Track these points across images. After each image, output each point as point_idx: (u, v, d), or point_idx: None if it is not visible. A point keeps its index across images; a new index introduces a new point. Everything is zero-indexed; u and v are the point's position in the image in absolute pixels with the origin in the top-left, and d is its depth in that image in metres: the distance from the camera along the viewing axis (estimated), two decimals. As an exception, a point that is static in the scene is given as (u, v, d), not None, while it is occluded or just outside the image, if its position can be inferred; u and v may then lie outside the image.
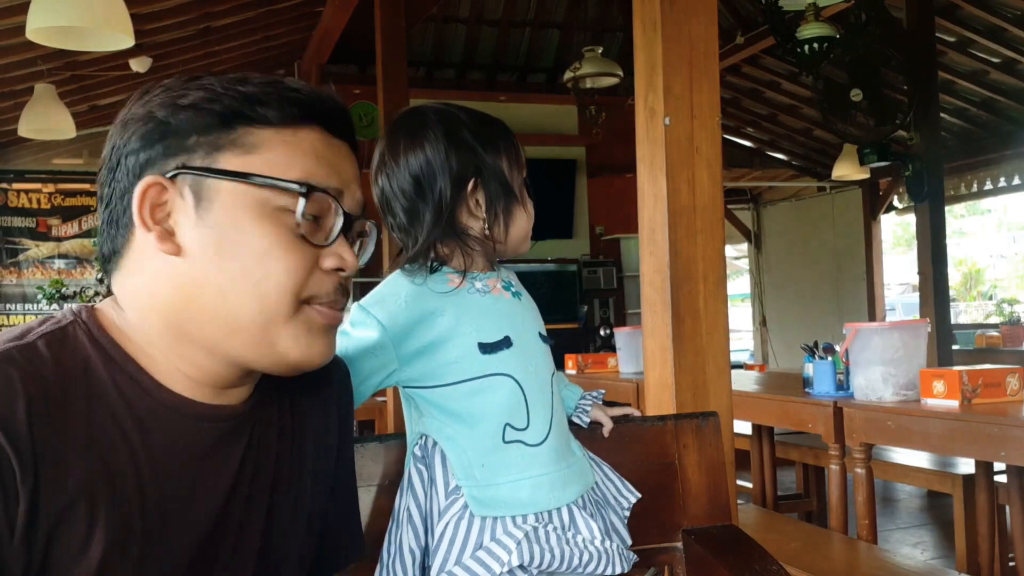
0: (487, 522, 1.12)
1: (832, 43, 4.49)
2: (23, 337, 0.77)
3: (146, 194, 0.79)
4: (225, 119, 0.81)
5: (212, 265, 0.80)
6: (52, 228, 6.90)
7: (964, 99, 7.19)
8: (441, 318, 1.15)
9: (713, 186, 2.06)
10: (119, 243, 0.83)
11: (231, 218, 0.80)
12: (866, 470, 2.75)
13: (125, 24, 2.86)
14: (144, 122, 0.81)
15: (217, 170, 0.80)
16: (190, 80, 0.84)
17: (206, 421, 0.84)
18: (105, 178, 0.83)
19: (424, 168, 1.17)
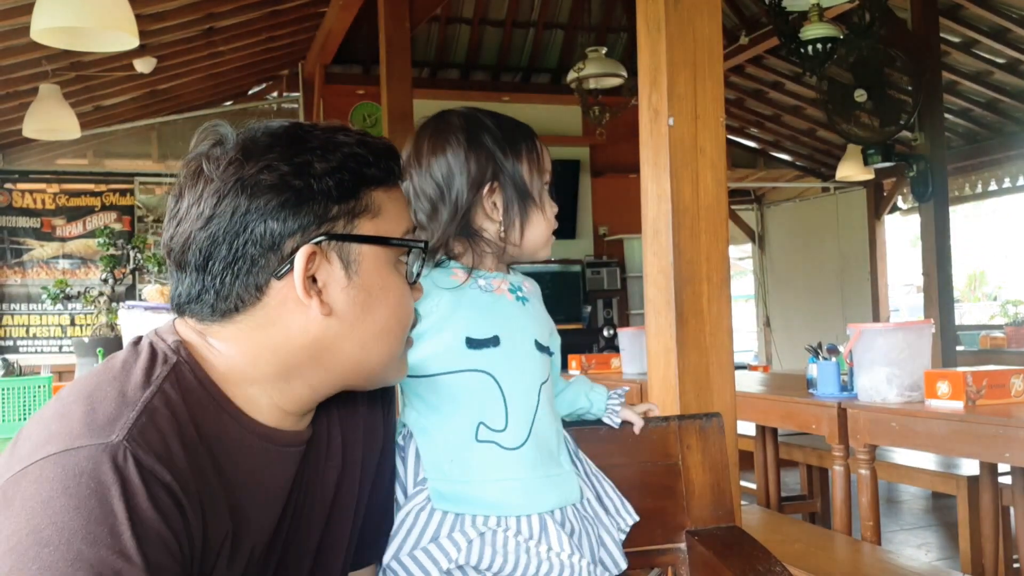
0: (447, 517, 1.12)
1: (836, 43, 4.48)
2: (149, 381, 0.81)
3: (307, 263, 0.85)
4: (355, 186, 0.88)
5: (357, 321, 0.89)
6: (56, 228, 6.91)
7: (968, 100, 7.18)
8: (435, 310, 1.16)
9: (717, 187, 2.06)
10: (243, 296, 0.86)
11: (374, 279, 0.89)
12: (870, 471, 2.74)
13: (129, 25, 2.87)
14: (279, 190, 0.84)
15: (363, 237, 0.88)
16: (293, 137, 0.88)
17: (291, 446, 0.92)
18: (220, 235, 0.84)
19: (444, 171, 1.20)
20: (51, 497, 0.71)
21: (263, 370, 0.88)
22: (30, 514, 0.70)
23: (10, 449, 0.80)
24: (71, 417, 0.76)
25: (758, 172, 9.41)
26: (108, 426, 0.75)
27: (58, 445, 0.74)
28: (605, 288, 7.91)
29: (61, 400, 0.80)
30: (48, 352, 6.80)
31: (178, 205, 0.88)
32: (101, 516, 0.70)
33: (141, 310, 2.61)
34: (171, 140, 7.21)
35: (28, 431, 0.79)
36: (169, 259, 0.89)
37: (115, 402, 0.78)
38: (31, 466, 0.73)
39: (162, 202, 7.11)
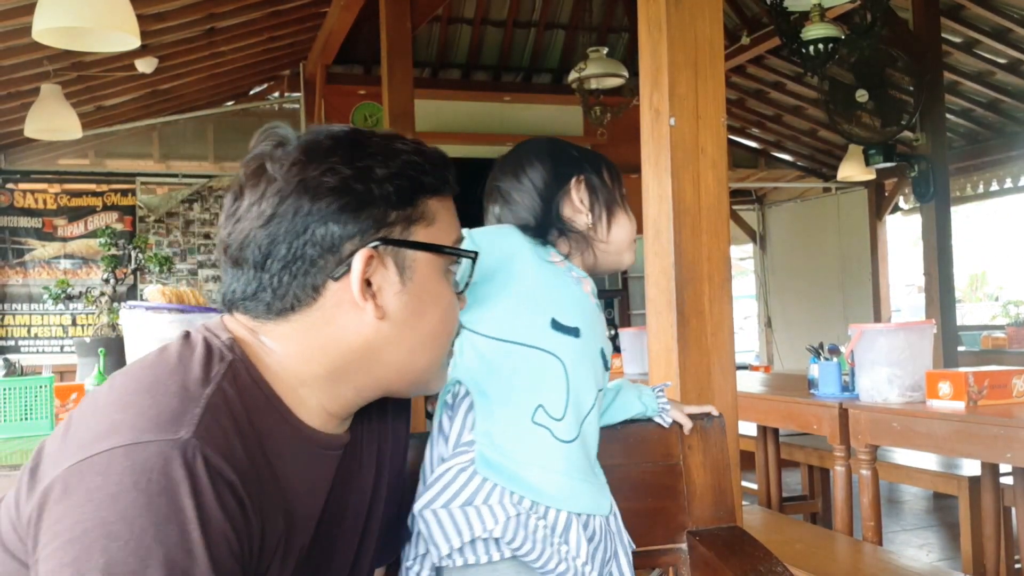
0: (486, 484, 1.12)
1: (838, 44, 4.48)
2: (208, 377, 0.81)
3: (365, 266, 0.86)
4: (413, 193, 0.90)
5: (407, 326, 0.90)
6: (58, 228, 6.91)
7: (970, 100, 7.17)
8: (532, 277, 1.21)
9: (718, 187, 2.06)
10: (299, 296, 0.87)
11: (427, 285, 0.91)
12: (871, 471, 2.74)
13: (131, 25, 2.87)
14: (341, 193, 0.85)
15: (418, 243, 0.90)
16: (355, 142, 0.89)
17: (332, 450, 0.94)
18: (280, 235, 0.85)
19: (533, 174, 1.29)
20: (120, 491, 0.71)
21: (314, 371, 0.89)
22: (97, 506, 0.70)
23: (61, 434, 0.79)
24: (135, 409, 0.76)
25: (759, 172, 9.40)
26: (176, 421, 0.75)
27: (125, 437, 0.73)
28: (606, 288, 7.91)
29: (118, 390, 0.80)
30: (49, 352, 6.80)
31: (237, 203, 0.89)
32: (171, 514, 0.71)
33: (143, 310, 2.61)
34: (172, 140, 7.21)
35: (84, 418, 0.79)
36: (224, 256, 0.90)
37: (178, 397, 0.78)
38: (96, 456, 0.73)
39: (163, 202, 7.12)
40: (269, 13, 5.49)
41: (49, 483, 0.74)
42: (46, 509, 0.73)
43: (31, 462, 0.80)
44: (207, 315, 2.64)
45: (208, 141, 7.30)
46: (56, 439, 0.80)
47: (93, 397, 0.82)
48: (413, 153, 0.91)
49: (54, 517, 0.72)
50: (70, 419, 0.82)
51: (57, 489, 0.73)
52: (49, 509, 0.73)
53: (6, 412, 1.91)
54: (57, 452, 0.77)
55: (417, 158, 0.91)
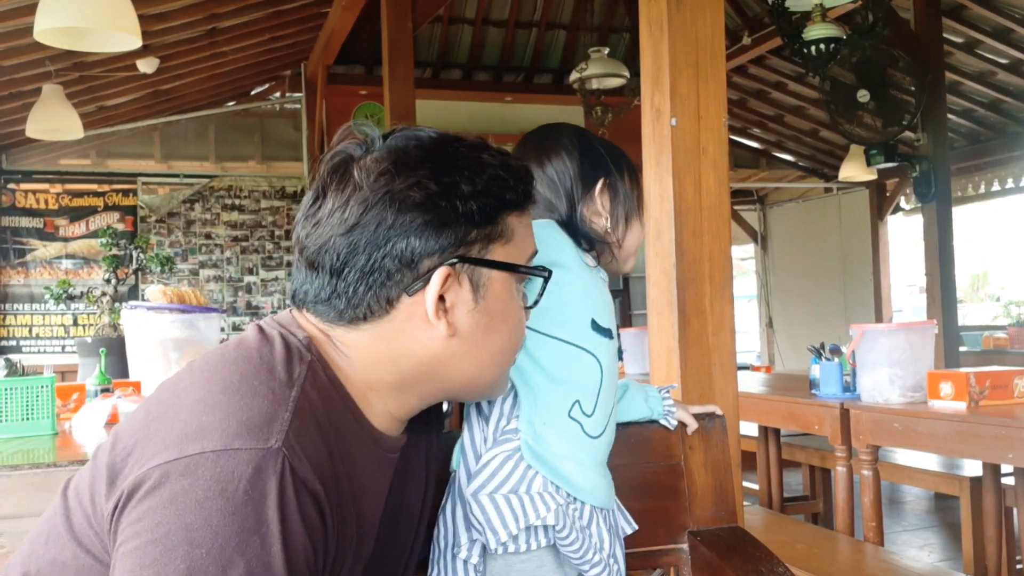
0: (530, 473, 1.15)
1: (839, 44, 4.48)
2: (292, 378, 0.81)
3: (442, 284, 0.86)
4: (496, 211, 0.89)
5: (476, 342, 0.90)
6: (60, 228, 6.92)
7: (971, 100, 7.17)
8: (577, 277, 1.23)
9: (719, 187, 2.06)
10: (372, 307, 0.86)
11: (499, 304, 0.91)
12: (873, 472, 2.74)
13: (132, 25, 2.87)
14: (426, 209, 0.84)
15: (495, 263, 0.89)
16: (444, 154, 0.88)
17: (393, 453, 0.94)
18: (360, 245, 0.85)
19: (559, 167, 1.29)
20: (207, 497, 0.70)
21: (383, 379, 0.89)
22: (182, 510, 0.70)
23: (141, 426, 0.79)
24: (222, 411, 0.75)
25: (761, 172, 9.40)
26: (265, 428, 0.75)
27: (216, 442, 0.73)
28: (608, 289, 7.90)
29: (203, 386, 0.79)
30: (51, 352, 6.81)
31: (319, 204, 0.88)
32: (255, 525, 0.71)
33: (144, 310, 2.61)
34: (174, 140, 7.22)
35: (169, 414, 0.78)
36: (299, 255, 0.89)
37: (268, 400, 0.77)
38: (186, 459, 0.72)
39: (165, 202, 7.12)
40: (270, 13, 5.49)
41: (135, 480, 0.73)
42: (128, 506, 0.73)
43: (108, 452, 0.79)
44: (208, 315, 2.64)
45: (209, 141, 7.30)
46: (135, 428, 0.79)
47: (174, 389, 0.82)
48: (499, 167, 0.90)
49: (136, 515, 0.72)
50: (148, 410, 0.81)
51: (143, 487, 0.72)
52: (133, 507, 0.72)
53: (7, 412, 1.91)
54: (140, 446, 0.76)
55: (503, 173, 0.90)
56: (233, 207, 7.27)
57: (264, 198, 7.34)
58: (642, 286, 2.04)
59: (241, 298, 7.26)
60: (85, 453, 1.57)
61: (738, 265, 10.57)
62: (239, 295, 7.26)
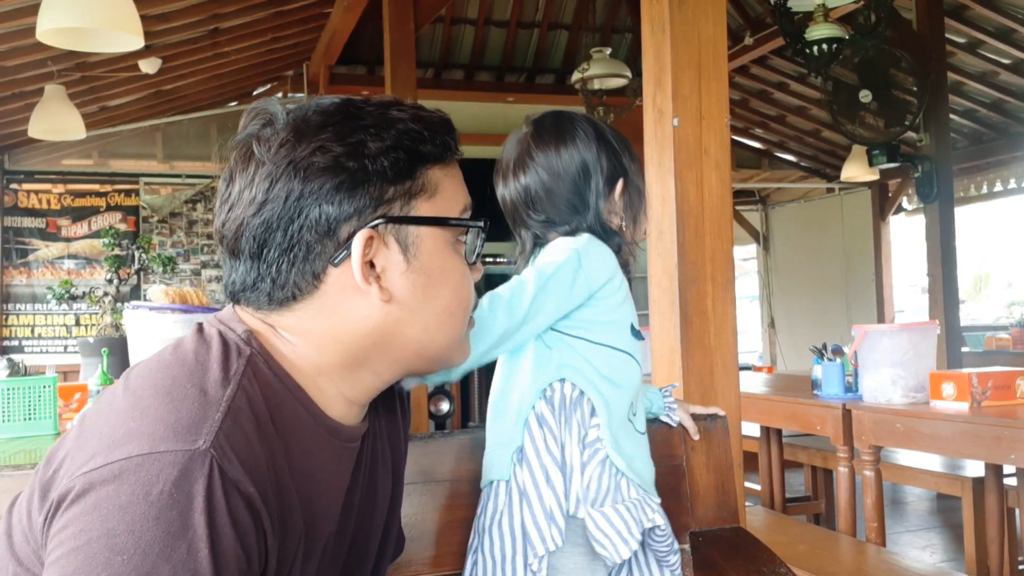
0: (623, 481, 1.19)
1: (841, 44, 4.47)
2: (228, 377, 0.77)
3: (364, 249, 0.82)
4: (411, 166, 0.84)
5: (418, 305, 0.86)
6: (62, 228, 6.92)
7: (974, 100, 7.16)
8: (620, 285, 1.26)
9: (721, 187, 2.06)
10: (300, 284, 0.83)
11: (435, 261, 0.86)
12: (875, 472, 2.74)
13: (135, 25, 2.87)
14: (333, 172, 0.81)
15: (421, 219, 0.85)
16: (346, 115, 0.84)
17: (351, 442, 0.90)
18: (274, 221, 0.82)
19: (578, 162, 1.27)
20: (130, 503, 0.67)
21: (330, 360, 0.85)
22: (105, 516, 0.67)
23: (74, 437, 0.76)
24: (151, 415, 0.73)
25: (763, 173, 9.39)
26: (193, 430, 0.71)
27: (141, 446, 0.70)
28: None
29: (134, 393, 0.76)
30: (53, 352, 6.81)
31: (229, 189, 0.85)
32: (180, 530, 0.68)
33: (146, 310, 2.61)
34: (176, 141, 7.22)
35: (99, 422, 0.75)
36: (222, 246, 0.86)
37: (197, 401, 0.74)
38: (111, 464, 0.69)
39: (167, 202, 7.12)
40: (273, 14, 5.49)
41: (63, 490, 0.71)
42: (56, 516, 0.71)
43: (42, 469, 0.77)
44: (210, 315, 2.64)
45: (211, 142, 7.30)
46: (68, 442, 0.77)
47: (109, 398, 0.79)
48: (411, 120, 0.85)
49: (61, 524, 0.70)
50: (83, 421, 0.78)
51: (69, 496, 0.70)
52: (59, 516, 0.70)
53: (10, 412, 1.91)
54: (70, 457, 0.74)
55: (415, 125, 0.85)
56: (235, 207, 7.27)
57: (266, 198, 7.33)
58: (644, 286, 2.03)
59: (243, 298, 7.25)
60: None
61: (740, 265, 10.56)
62: (241, 295, 7.25)
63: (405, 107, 0.87)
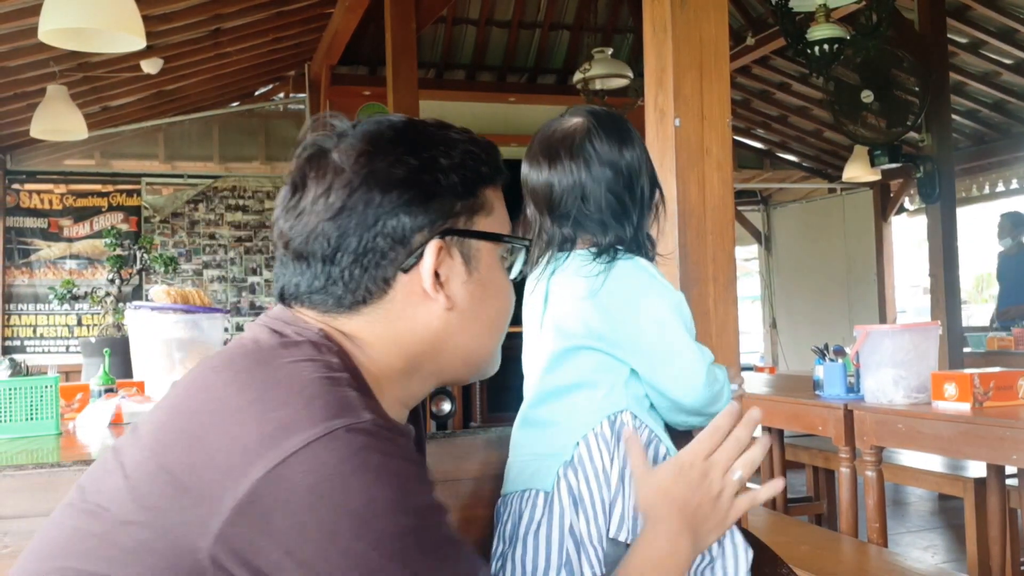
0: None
1: (843, 44, 4.47)
2: (333, 367, 0.81)
3: (436, 258, 0.87)
4: (475, 183, 0.90)
5: (472, 314, 0.92)
6: (64, 229, 6.93)
7: (976, 101, 7.16)
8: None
9: (723, 187, 2.06)
10: (371, 289, 0.87)
11: (489, 273, 0.93)
12: (876, 473, 2.73)
13: (136, 26, 2.87)
14: (410, 184, 0.85)
15: (482, 233, 0.91)
16: (416, 132, 0.89)
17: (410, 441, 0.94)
18: (350, 228, 0.84)
19: (632, 165, 1.26)
20: (345, 477, 0.71)
21: (392, 364, 0.89)
22: (339, 499, 0.70)
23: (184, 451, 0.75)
24: (298, 403, 0.75)
25: (764, 173, 9.39)
26: (349, 406, 0.76)
27: (313, 429, 0.72)
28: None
29: (248, 389, 0.77)
30: (55, 352, 6.82)
31: (299, 195, 0.87)
32: (403, 476, 0.74)
33: (148, 311, 2.61)
34: (178, 141, 7.23)
35: (216, 422, 0.75)
36: (285, 249, 0.88)
37: (329, 383, 0.77)
38: (293, 456, 0.71)
39: (169, 203, 7.13)
40: (274, 14, 5.50)
41: (240, 501, 0.71)
42: (252, 525, 0.71)
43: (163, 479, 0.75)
44: (212, 316, 2.64)
45: (213, 142, 7.31)
46: (173, 448, 0.76)
47: (205, 398, 0.79)
48: (468, 143, 0.91)
49: (282, 529, 0.70)
50: (184, 427, 0.77)
51: (262, 505, 0.71)
52: (264, 527, 0.71)
53: (11, 412, 1.91)
54: (209, 466, 0.73)
55: (473, 148, 0.91)
56: (237, 207, 7.28)
57: (268, 199, 7.34)
58: (646, 287, 2.02)
59: (245, 298, 7.27)
60: (89, 453, 1.57)
61: (742, 266, 10.56)
62: (243, 295, 7.26)
63: (459, 130, 0.93)
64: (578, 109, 1.30)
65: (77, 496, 0.82)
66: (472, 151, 0.90)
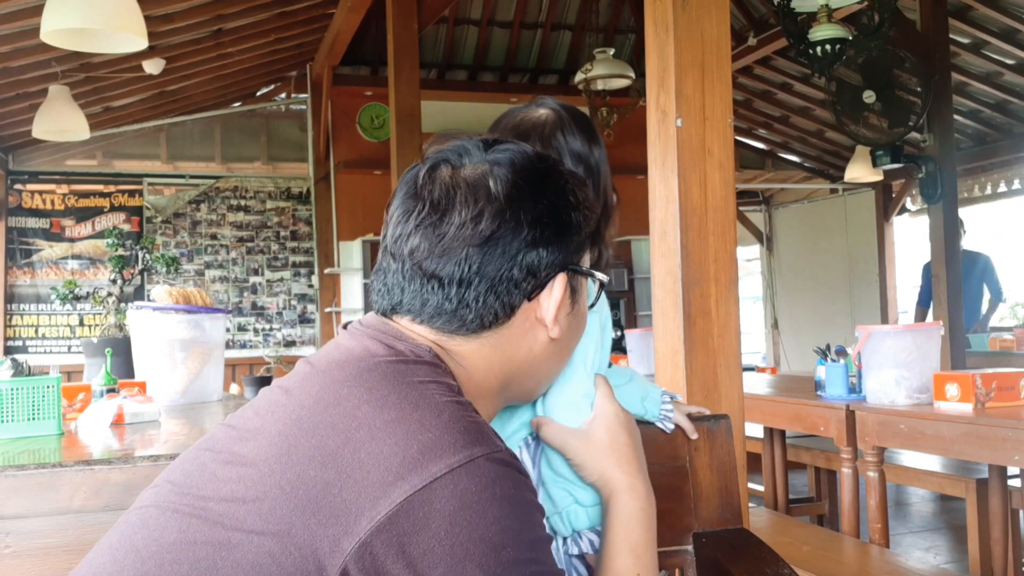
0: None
1: (845, 44, 4.47)
2: (453, 391, 0.83)
3: (564, 291, 0.91)
4: (589, 222, 0.94)
5: (565, 343, 0.96)
6: (66, 229, 6.93)
7: (978, 101, 7.15)
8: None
9: (725, 188, 2.06)
10: (498, 314, 0.88)
11: (582, 308, 0.97)
12: (878, 473, 2.73)
13: (138, 26, 2.87)
14: (554, 222, 0.89)
15: (587, 271, 0.96)
16: (555, 169, 0.92)
17: None
18: (494, 256, 0.86)
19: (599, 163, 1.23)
20: (482, 505, 0.73)
21: (491, 384, 0.92)
22: (471, 527, 0.72)
23: (320, 467, 0.75)
24: (436, 428, 0.76)
25: (766, 173, 9.39)
26: (483, 434, 0.78)
27: (454, 456, 0.74)
28: (613, 289, 7.91)
29: (384, 408, 0.78)
30: (57, 352, 6.83)
31: (442, 213, 0.87)
32: (529, 509, 0.77)
33: (150, 311, 2.62)
34: (179, 141, 7.24)
35: (356, 440, 0.76)
36: (416, 267, 0.87)
37: (459, 409, 0.80)
38: (437, 481, 0.73)
39: (171, 203, 7.13)
40: (276, 14, 5.50)
41: (379, 521, 0.72)
42: (394, 552, 0.71)
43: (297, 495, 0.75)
44: (213, 316, 2.64)
45: (215, 142, 7.32)
46: (308, 463, 0.75)
47: (338, 415, 0.79)
48: (582, 183, 0.95)
49: (416, 554, 0.71)
50: (319, 443, 0.77)
51: (400, 528, 0.72)
52: (400, 551, 0.71)
53: (13, 412, 1.91)
54: (348, 484, 0.73)
55: (584, 187, 0.95)
56: (239, 208, 7.28)
57: (270, 199, 7.35)
58: (647, 287, 2.03)
59: (246, 299, 7.27)
60: (90, 453, 1.58)
61: (743, 266, 10.55)
62: (244, 296, 7.27)
63: (565, 168, 0.96)
64: (543, 101, 1.26)
65: (175, 496, 0.80)
66: (585, 190, 0.95)
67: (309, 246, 7.38)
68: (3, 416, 1.89)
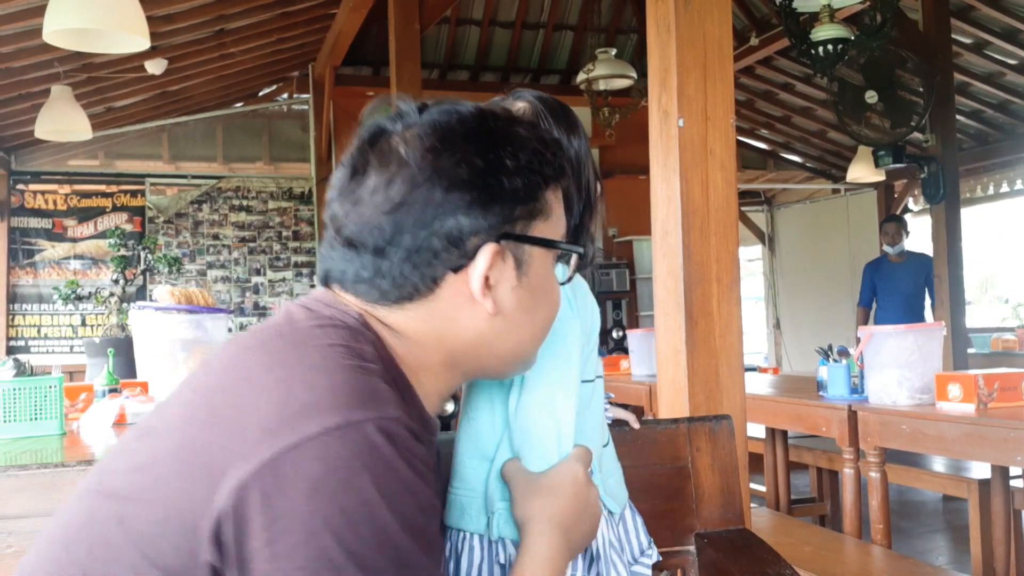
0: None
1: (847, 45, 4.47)
2: (366, 355, 0.79)
3: (490, 262, 0.83)
4: (537, 187, 0.86)
5: (518, 320, 0.88)
6: (68, 229, 6.94)
7: (980, 101, 7.14)
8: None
9: (727, 188, 2.06)
10: (419, 287, 0.84)
11: (540, 281, 0.89)
12: (880, 474, 2.73)
13: (141, 26, 2.88)
14: (474, 186, 0.82)
15: (537, 239, 0.87)
16: (486, 129, 0.85)
17: (435, 435, 0.92)
18: (407, 224, 0.82)
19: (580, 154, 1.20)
20: (351, 476, 0.68)
21: (432, 358, 0.87)
22: (331, 497, 0.67)
23: (205, 422, 0.74)
24: (323, 386, 0.73)
25: (768, 173, 9.38)
26: (375, 397, 0.74)
27: (334, 417, 0.70)
28: (614, 290, 7.90)
29: (278, 367, 0.76)
30: (59, 352, 6.83)
31: (358, 180, 0.84)
32: (405, 486, 0.71)
33: (152, 311, 2.62)
34: (182, 141, 7.24)
35: (241, 401, 0.73)
36: (336, 233, 0.86)
37: (360, 372, 0.75)
38: (309, 442, 0.68)
39: (173, 203, 7.14)
40: (278, 15, 5.50)
41: (243, 480, 0.68)
42: (255, 510, 0.68)
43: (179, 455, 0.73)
44: (216, 316, 2.65)
45: (217, 142, 7.32)
46: (196, 425, 0.74)
47: (233, 375, 0.77)
48: (536, 141, 0.88)
49: (273, 516, 0.67)
50: (208, 401, 0.76)
51: (264, 485, 0.68)
52: (261, 509, 0.68)
53: (16, 412, 1.92)
54: (224, 442, 0.71)
55: (539, 146, 0.87)
56: (241, 208, 7.29)
57: (272, 199, 7.35)
58: (649, 287, 2.03)
59: (248, 299, 7.27)
60: (93, 453, 1.58)
61: (745, 266, 10.55)
62: (246, 296, 7.27)
63: (525, 124, 0.90)
64: (520, 94, 1.24)
65: (92, 477, 0.80)
66: (538, 151, 0.87)
67: (311, 246, 7.39)
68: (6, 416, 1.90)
